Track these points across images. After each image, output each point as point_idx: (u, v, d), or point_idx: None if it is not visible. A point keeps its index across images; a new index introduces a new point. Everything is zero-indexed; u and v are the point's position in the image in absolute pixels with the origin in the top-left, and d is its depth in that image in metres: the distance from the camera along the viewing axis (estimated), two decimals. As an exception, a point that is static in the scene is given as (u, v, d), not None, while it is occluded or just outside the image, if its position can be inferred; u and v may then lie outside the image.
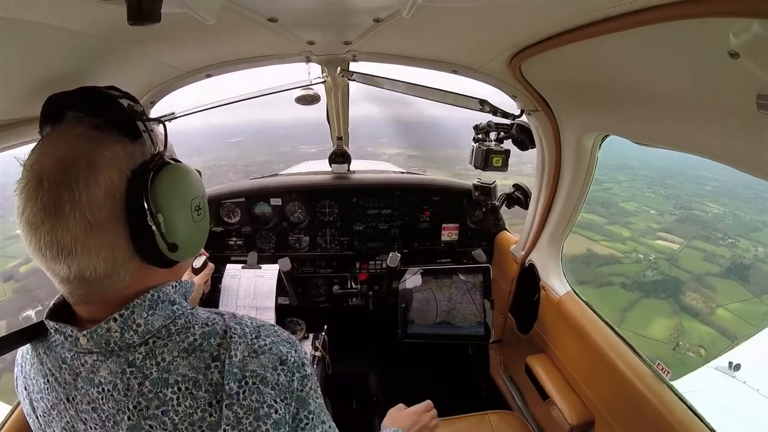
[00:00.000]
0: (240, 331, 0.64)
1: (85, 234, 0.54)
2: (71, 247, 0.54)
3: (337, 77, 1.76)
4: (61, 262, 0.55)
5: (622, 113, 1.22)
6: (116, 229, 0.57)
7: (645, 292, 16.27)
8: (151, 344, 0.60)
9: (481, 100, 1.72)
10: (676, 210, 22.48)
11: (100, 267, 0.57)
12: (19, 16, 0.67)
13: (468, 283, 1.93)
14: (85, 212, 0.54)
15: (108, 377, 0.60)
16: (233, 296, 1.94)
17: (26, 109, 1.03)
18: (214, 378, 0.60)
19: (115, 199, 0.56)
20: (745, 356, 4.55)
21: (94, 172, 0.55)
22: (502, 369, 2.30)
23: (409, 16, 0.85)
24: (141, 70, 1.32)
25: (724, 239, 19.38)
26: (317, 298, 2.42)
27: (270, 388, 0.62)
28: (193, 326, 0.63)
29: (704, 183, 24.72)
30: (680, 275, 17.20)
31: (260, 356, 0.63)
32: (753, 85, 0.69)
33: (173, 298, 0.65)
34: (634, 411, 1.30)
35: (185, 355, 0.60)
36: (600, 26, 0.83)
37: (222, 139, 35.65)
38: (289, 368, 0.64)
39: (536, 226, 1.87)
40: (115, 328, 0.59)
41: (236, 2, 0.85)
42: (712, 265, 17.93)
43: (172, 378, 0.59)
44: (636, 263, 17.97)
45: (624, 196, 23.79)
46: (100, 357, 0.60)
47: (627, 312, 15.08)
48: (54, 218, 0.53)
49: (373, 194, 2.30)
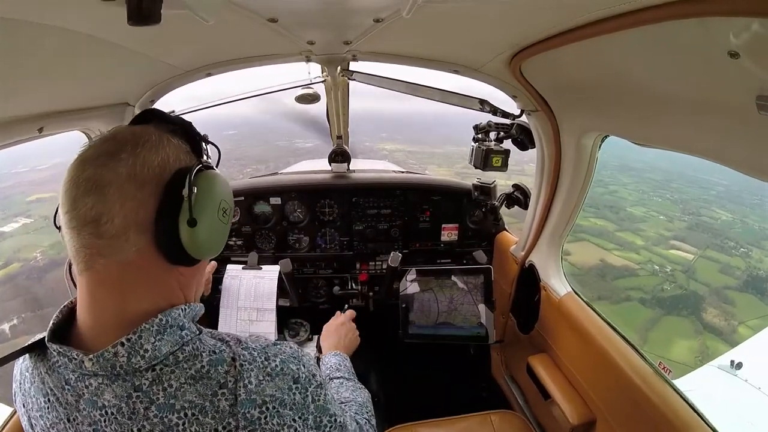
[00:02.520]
0: (249, 356, 0.65)
1: (127, 179, 0.59)
2: (107, 186, 0.58)
3: (337, 77, 1.76)
4: (89, 197, 0.58)
5: (622, 113, 1.21)
6: (153, 191, 0.61)
7: (665, 308, 15.42)
8: (159, 371, 0.61)
9: (481, 100, 1.72)
10: (685, 216, 21.90)
11: (118, 218, 0.59)
12: (19, 16, 0.67)
13: (469, 284, 1.93)
14: (137, 162, 0.60)
15: (113, 400, 0.60)
16: (234, 297, 1.94)
17: (26, 107, 1.03)
18: (221, 405, 0.61)
19: (165, 171, 0.63)
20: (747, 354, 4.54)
21: (157, 146, 0.64)
22: (504, 369, 2.30)
23: (409, 16, 0.85)
24: (141, 69, 1.32)
25: (737, 248, 18.76)
26: (318, 299, 2.42)
27: (288, 409, 0.64)
28: (201, 354, 0.63)
29: (709, 187, 24.24)
30: (699, 289, 16.44)
31: (275, 379, 0.65)
32: (753, 86, 0.69)
33: (182, 323, 0.65)
34: (636, 410, 1.30)
35: (192, 382, 0.61)
36: (600, 26, 0.83)
37: (218, 131, 35.35)
38: (302, 385, 0.67)
39: (536, 227, 1.87)
40: (122, 353, 0.59)
41: (236, 2, 0.85)
42: (729, 277, 17.22)
43: (179, 404, 0.60)
44: (653, 275, 17.19)
45: (631, 200, 23.23)
46: (105, 380, 0.60)
47: (649, 332, 14.23)
48: (109, 158, 0.60)
49: (373, 193, 2.30)
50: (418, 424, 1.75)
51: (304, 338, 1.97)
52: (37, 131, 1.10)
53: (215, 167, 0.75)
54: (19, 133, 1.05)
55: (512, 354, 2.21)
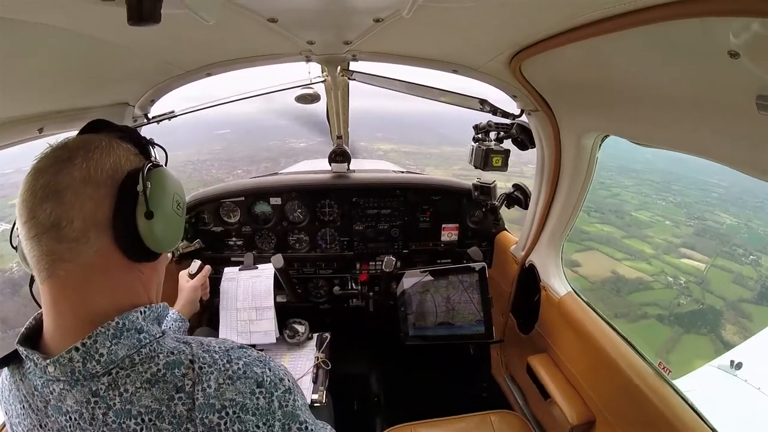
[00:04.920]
0: (209, 359, 0.63)
1: (82, 182, 0.60)
2: (64, 191, 0.59)
3: (337, 76, 1.76)
4: (47, 203, 0.58)
5: (622, 113, 1.21)
6: (108, 191, 0.62)
7: (683, 326, 14.64)
8: (114, 374, 0.60)
9: (481, 100, 1.72)
10: (690, 221, 21.26)
11: (78, 221, 0.59)
12: (19, 16, 0.67)
13: (465, 282, 1.93)
14: (90, 166, 0.62)
15: (74, 406, 0.60)
16: (232, 299, 1.94)
17: (26, 107, 1.03)
18: (177, 410, 0.59)
19: (117, 172, 0.64)
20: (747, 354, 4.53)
21: (108, 150, 0.65)
22: (504, 369, 2.30)
23: (409, 16, 0.85)
24: (141, 69, 1.32)
25: (746, 256, 18.16)
26: (318, 299, 2.42)
27: (251, 415, 0.62)
28: (157, 356, 0.62)
29: (710, 189, 23.78)
30: (715, 303, 15.68)
31: (236, 382, 0.62)
32: (753, 85, 0.69)
33: (140, 326, 0.64)
34: (636, 410, 1.29)
35: (148, 386, 0.60)
36: (600, 26, 0.83)
37: (211, 130, 34.31)
38: (267, 389, 0.64)
39: (536, 227, 1.87)
40: (77, 358, 0.59)
41: (236, 2, 0.85)
42: (743, 288, 16.55)
43: (135, 409, 0.59)
44: (667, 288, 16.39)
45: (635, 204, 22.59)
46: (66, 386, 0.60)
47: (670, 353, 13.37)
48: (62, 165, 0.60)
49: (373, 194, 2.30)
50: (418, 424, 1.75)
51: (303, 338, 1.97)
52: (37, 131, 1.10)
53: (165, 163, 0.78)
54: (19, 133, 1.05)
55: (512, 354, 2.21)
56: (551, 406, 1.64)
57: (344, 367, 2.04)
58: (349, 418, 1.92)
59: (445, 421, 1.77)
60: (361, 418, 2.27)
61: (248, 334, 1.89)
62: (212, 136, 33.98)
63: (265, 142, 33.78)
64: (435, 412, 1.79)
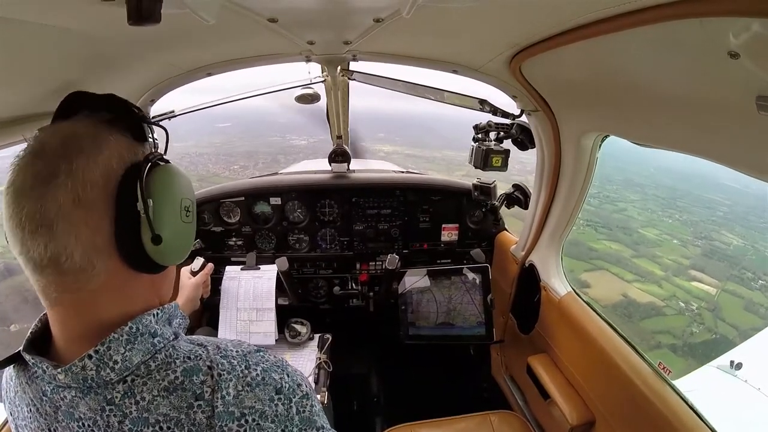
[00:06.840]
0: (227, 365, 0.62)
1: (72, 207, 0.53)
2: (53, 221, 0.52)
3: (337, 76, 1.76)
4: (38, 238, 0.52)
5: (622, 113, 1.22)
6: (103, 211, 0.56)
7: (697, 357, 13.77)
8: (130, 382, 0.58)
9: (481, 100, 1.73)
10: (697, 240, 20.72)
11: (77, 253, 0.54)
12: (19, 16, 0.67)
13: (467, 283, 1.93)
14: (77, 184, 0.53)
15: (88, 413, 0.58)
16: (233, 298, 1.94)
17: (26, 107, 1.03)
18: (197, 418, 0.58)
19: (110, 182, 0.57)
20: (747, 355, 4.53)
21: (95, 151, 0.56)
22: (504, 369, 2.30)
23: (409, 16, 0.85)
24: (141, 69, 1.32)
25: (755, 280, 17.75)
26: (318, 299, 2.42)
27: (270, 422, 0.61)
28: (173, 361, 0.60)
29: (715, 208, 23.17)
30: (728, 332, 15.08)
31: (255, 389, 0.61)
32: (753, 86, 0.69)
33: (154, 330, 0.61)
34: (636, 411, 1.30)
35: (166, 394, 0.58)
36: (600, 26, 0.83)
37: (212, 122, 33.64)
38: (285, 396, 0.63)
39: (536, 227, 1.87)
40: (90, 366, 0.56)
41: (236, 2, 0.85)
42: (754, 316, 16.10)
43: (153, 417, 0.57)
44: (679, 315, 15.78)
45: (641, 221, 21.96)
46: (78, 393, 0.58)
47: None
48: (45, 185, 0.52)
49: (373, 194, 2.30)
50: (418, 424, 1.75)
51: (304, 338, 1.97)
52: (37, 131, 1.10)
53: (164, 153, 0.68)
54: (22, 132, 1.05)
55: (512, 354, 2.21)
56: (551, 406, 1.64)
57: (344, 367, 2.04)
58: (349, 418, 1.92)
59: (445, 422, 1.77)
60: (361, 418, 2.27)
61: (247, 335, 1.89)
62: (213, 129, 33.42)
63: (265, 137, 33.43)
64: (435, 412, 1.79)
